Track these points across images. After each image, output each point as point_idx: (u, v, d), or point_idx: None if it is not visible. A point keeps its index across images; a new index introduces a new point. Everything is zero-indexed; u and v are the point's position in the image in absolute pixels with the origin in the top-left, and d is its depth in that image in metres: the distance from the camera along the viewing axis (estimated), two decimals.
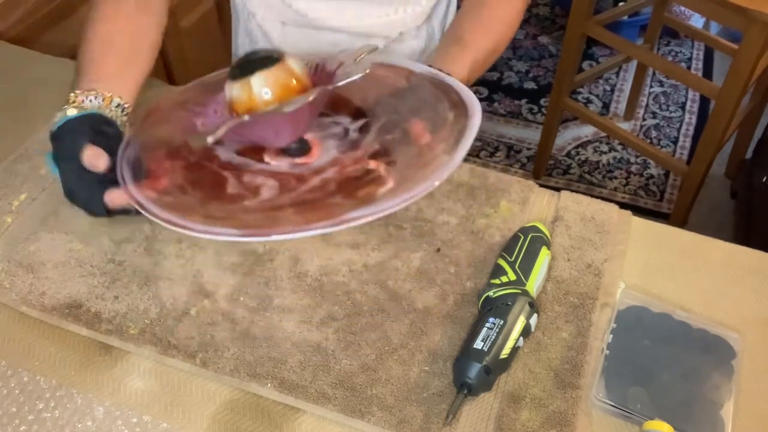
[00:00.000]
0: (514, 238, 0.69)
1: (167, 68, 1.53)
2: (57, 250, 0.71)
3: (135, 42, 0.80)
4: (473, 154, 2.17)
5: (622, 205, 0.76)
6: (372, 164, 0.66)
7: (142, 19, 0.82)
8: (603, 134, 2.24)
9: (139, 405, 0.61)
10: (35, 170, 0.79)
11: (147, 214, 0.62)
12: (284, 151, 0.69)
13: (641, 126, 2.30)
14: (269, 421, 0.60)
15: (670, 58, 2.55)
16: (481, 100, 2.23)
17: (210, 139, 0.61)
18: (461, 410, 0.60)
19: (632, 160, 2.18)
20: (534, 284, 0.65)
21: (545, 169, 2.12)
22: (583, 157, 2.18)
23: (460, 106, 0.68)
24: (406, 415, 0.59)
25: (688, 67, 2.52)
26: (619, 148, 2.22)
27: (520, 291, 0.63)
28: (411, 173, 0.63)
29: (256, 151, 0.70)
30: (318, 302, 0.67)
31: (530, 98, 2.37)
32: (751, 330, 0.66)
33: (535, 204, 0.76)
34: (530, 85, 2.42)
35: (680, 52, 2.59)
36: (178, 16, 1.51)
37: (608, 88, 2.44)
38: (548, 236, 0.70)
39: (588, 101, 2.39)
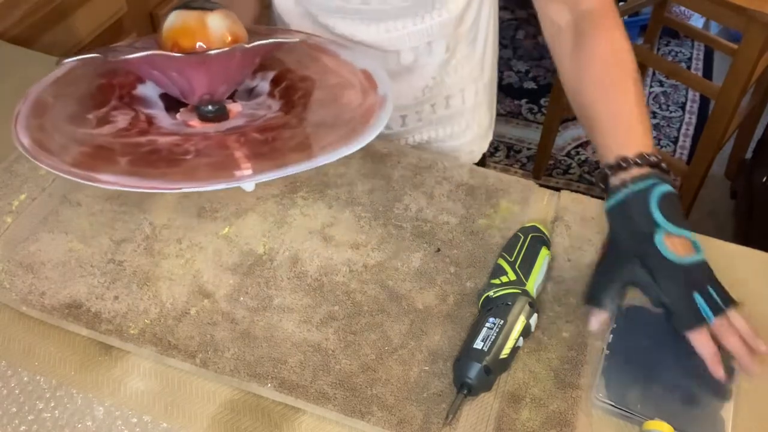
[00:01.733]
0: (514, 238, 0.69)
1: None
2: (57, 250, 0.71)
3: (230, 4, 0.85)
4: None
5: None
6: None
7: None
8: None
9: (139, 405, 0.61)
10: (35, 170, 0.79)
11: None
12: (203, 115, 0.70)
13: None
14: (269, 421, 0.60)
15: (670, 58, 2.55)
16: None
17: (120, 57, 0.63)
18: (461, 410, 0.60)
19: None
20: (534, 284, 0.65)
21: (545, 169, 2.12)
22: (583, 157, 2.18)
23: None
24: (406, 415, 0.59)
25: (688, 67, 2.52)
26: None
27: (520, 291, 0.63)
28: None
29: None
30: (318, 302, 0.67)
31: (530, 98, 2.38)
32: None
33: (535, 204, 0.76)
34: (530, 85, 2.42)
35: (680, 52, 2.59)
36: None
37: None
38: (548, 236, 0.70)
39: None
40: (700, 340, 0.59)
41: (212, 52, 0.64)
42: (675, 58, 2.56)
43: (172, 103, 0.73)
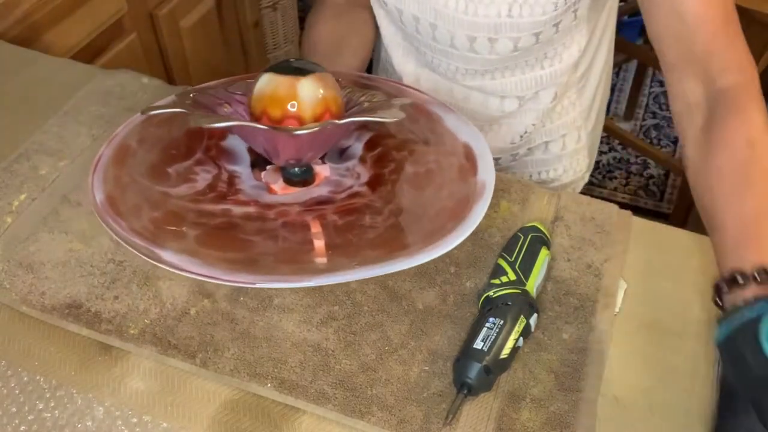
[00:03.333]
0: (514, 238, 0.69)
1: (167, 68, 1.53)
2: (57, 250, 0.71)
3: (340, 40, 0.83)
4: None
5: (622, 205, 0.75)
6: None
7: (351, 16, 0.86)
8: (603, 134, 2.24)
9: (139, 405, 0.61)
10: (35, 170, 0.79)
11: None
12: (288, 178, 0.69)
13: (641, 126, 2.30)
14: (269, 421, 0.60)
15: None
16: None
17: (204, 124, 0.61)
18: (461, 410, 0.60)
19: (632, 160, 2.19)
20: (534, 284, 0.65)
21: None
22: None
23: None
24: (406, 415, 0.59)
25: None
26: (619, 148, 2.22)
27: (520, 291, 0.63)
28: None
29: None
30: (318, 302, 0.67)
31: None
32: None
33: (535, 204, 0.76)
34: None
35: None
36: (178, 16, 1.51)
37: None
38: (548, 236, 0.70)
39: None
40: None
41: (299, 132, 0.62)
42: None
43: (260, 158, 0.72)
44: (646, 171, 2.16)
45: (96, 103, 0.87)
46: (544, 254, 0.67)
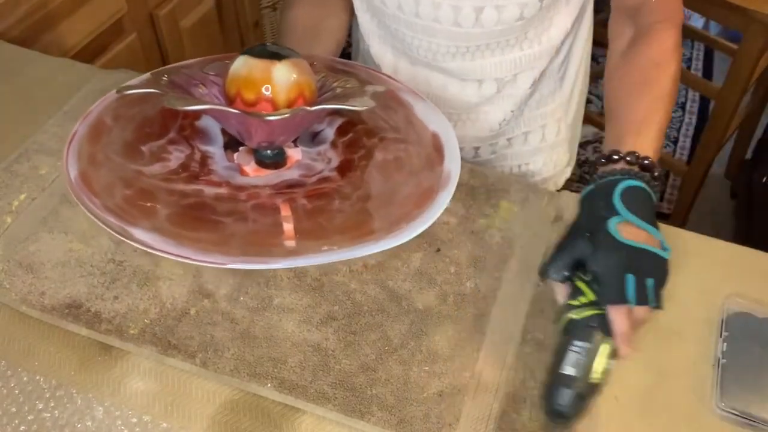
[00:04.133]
0: None
1: None
2: (57, 250, 0.71)
3: (317, 22, 0.85)
4: None
5: None
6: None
7: (321, 11, 0.88)
8: (603, 134, 2.23)
9: (139, 405, 0.61)
10: (35, 170, 0.79)
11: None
12: (260, 160, 0.69)
13: None
14: (269, 421, 0.60)
15: None
16: None
17: (178, 106, 0.62)
18: (461, 410, 0.60)
19: None
20: None
21: None
22: (582, 157, 2.18)
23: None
24: (406, 415, 0.59)
25: (688, 67, 2.52)
26: None
27: (602, 312, 0.60)
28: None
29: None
30: (318, 302, 0.67)
31: None
32: None
33: (535, 204, 0.76)
34: None
35: None
36: (178, 16, 1.51)
37: None
38: None
39: (588, 101, 2.38)
40: (616, 317, 0.58)
41: (271, 117, 0.63)
42: None
43: (233, 139, 0.72)
44: None
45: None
46: None
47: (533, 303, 0.67)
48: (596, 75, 2.39)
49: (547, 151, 0.95)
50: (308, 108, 0.65)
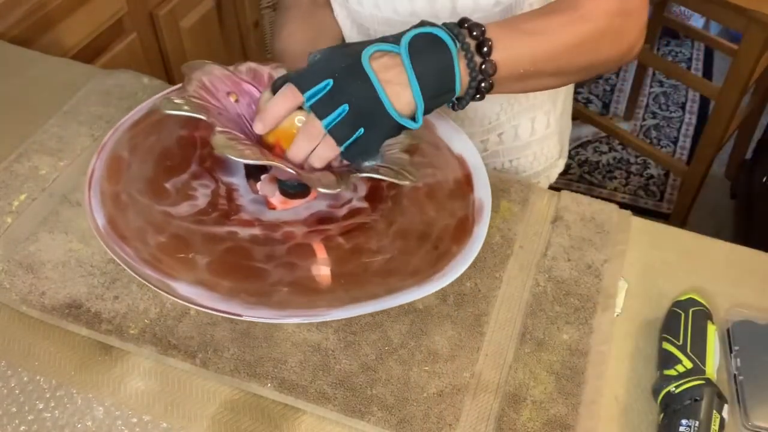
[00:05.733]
0: (673, 317, 0.64)
1: (167, 68, 1.53)
2: (57, 250, 0.71)
3: (312, 42, 0.82)
4: None
5: (622, 205, 0.76)
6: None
7: (317, 17, 0.85)
8: (603, 134, 2.24)
9: (139, 405, 0.61)
10: (35, 170, 0.79)
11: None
12: (284, 190, 0.67)
13: (641, 126, 2.30)
14: (269, 421, 0.60)
15: (670, 58, 2.55)
16: None
17: (230, 155, 0.58)
18: (461, 410, 0.60)
19: (632, 160, 2.19)
20: (713, 368, 0.60)
21: None
22: (583, 157, 2.18)
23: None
24: (406, 415, 0.59)
25: (688, 68, 2.52)
26: (619, 148, 2.22)
27: (704, 381, 0.58)
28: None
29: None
30: None
31: None
32: None
33: (536, 204, 0.76)
34: None
35: (680, 52, 2.59)
36: (178, 16, 1.51)
37: (608, 88, 2.44)
38: (708, 307, 0.64)
39: (588, 101, 2.39)
40: (278, 96, 0.58)
41: (324, 191, 0.59)
42: (675, 58, 2.56)
43: (253, 166, 0.70)
44: (646, 171, 2.16)
45: (96, 103, 0.87)
46: (712, 331, 0.62)
47: (533, 303, 0.67)
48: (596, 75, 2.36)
49: (537, 145, 0.95)
50: (359, 175, 0.62)
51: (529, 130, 0.93)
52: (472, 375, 0.62)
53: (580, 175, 2.13)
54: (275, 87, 0.62)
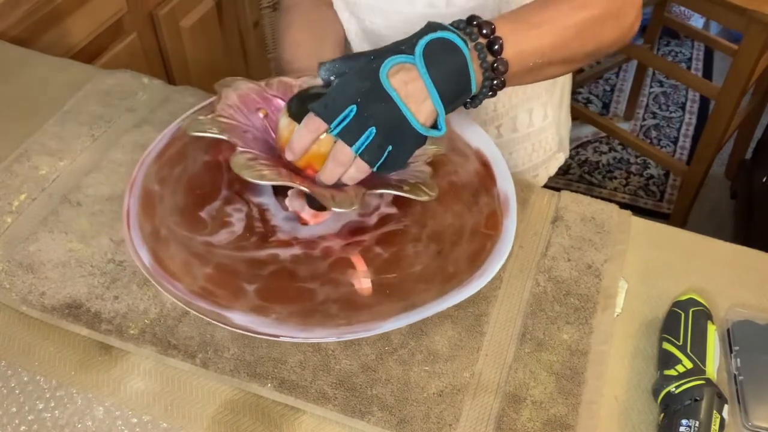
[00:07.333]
0: (673, 316, 0.64)
1: (167, 68, 1.53)
2: (57, 250, 0.71)
3: (318, 42, 0.82)
4: None
5: (622, 205, 0.76)
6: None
7: (320, 16, 0.85)
8: (603, 134, 2.24)
9: (139, 405, 0.61)
10: (35, 170, 0.79)
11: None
12: (311, 201, 0.66)
13: (641, 126, 2.30)
14: (269, 421, 0.60)
15: (670, 58, 2.55)
16: None
17: (254, 179, 0.59)
18: (461, 410, 0.60)
19: (632, 160, 2.19)
20: (713, 368, 0.60)
21: None
22: (583, 157, 2.18)
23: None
24: (406, 415, 0.59)
25: (688, 68, 2.52)
26: (619, 148, 2.22)
27: (704, 381, 0.58)
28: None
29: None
30: None
31: None
32: None
33: (535, 204, 0.76)
34: None
35: (680, 52, 2.59)
36: (178, 16, 1.51)
37: (608, 88, 2.44)
38: (708, 308, 0.64)
39: (588, 101, 2.39)
40: (303, 128, 0.59)
41: (338, 210, 0.60)
42: (675, 58, 2.56)
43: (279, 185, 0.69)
44: (646, 171, 2.16)
45: (96, 103, 0.87)
46: (712, 331, 0.62)
47: (533, 303, 0.67)
48: (596, 75, 2.39)
49: (536, 136, 0.95)
50: (377, 191, 0.63)
51: (527, 122, 0.93)
52: (472, 375, 0.62)
53: (580, 175, 2.13)
54: (291, 110, 0.63)
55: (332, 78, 0.62)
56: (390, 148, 0.59)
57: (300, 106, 0.63)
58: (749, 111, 1.90)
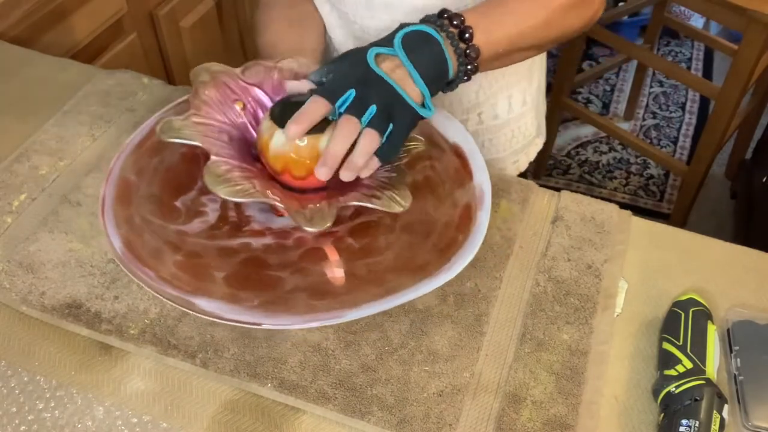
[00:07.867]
0: (673, 316, 0.64)
1: (167, 68, 1.53)
2: (57, 250, 0.71)
3: (299, 37, 0.84)
4: None
5: (622, 205, 0.76)
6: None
7: (299, 10, 0.87)
8: (603, 134, 2.24)
9: (139, 405, 0.61)
10: (35, 170, 0.79)
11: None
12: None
13: (641, 126, 2.30)
14: (269, 421, 0.60)
15: (670, 58, 2.55)
16: None
17: (224, 195, 0.59)
18: (461, 410, 0.60)
19: (632, 160, 2.19)
20: (713, 368, 0.60)
21: (545, 169, 2.12)
22: (583, 157, 2.18)
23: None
24: (406, 415, 0.59)
25: (688, 68, 2.52)
26: (619, 148, 2.22)
27: (704, 381, 0.58)
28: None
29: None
30: None
31: None
32: None
33: (535, 204, 0.76)
34: None
35: (680, 52, 2.59)
36: (178, 16, 1.51)
37: (608, 88, 2.44)
38: (708, 308, 0.64)
39: (588, 101, 2.39)
40: (311, 103, 0.61)
41: (310, 229, 0.60)
42: (675, 58, 2.56)
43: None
44: (646, 171, 2.16)
45: (96, 103, 0.87)
46: (712, 331, 0.62)
47: (533, 303, 0.67)
48: (596, 75, 2.39)
49: (515, 122, 0.97)
50: (349, 203, 0.63)
51: (507, 108, 0.95)
52: (472, 375, 0.62)
53: (580, 175, 2.13)
54: (273, 114, 0.64)
55: (323, 79, 0.65)
56: (391, 125, 0.62)
57: (283, 110, 0.64)
58: (749, 111, 1.90)
